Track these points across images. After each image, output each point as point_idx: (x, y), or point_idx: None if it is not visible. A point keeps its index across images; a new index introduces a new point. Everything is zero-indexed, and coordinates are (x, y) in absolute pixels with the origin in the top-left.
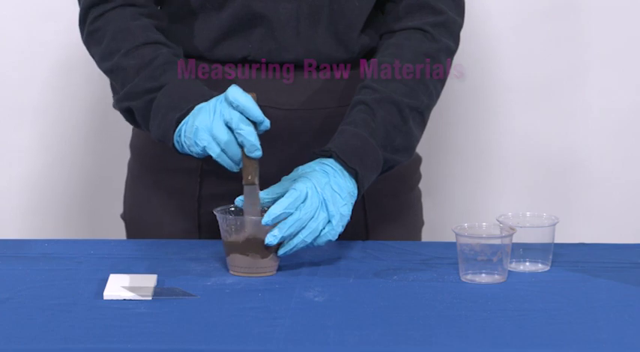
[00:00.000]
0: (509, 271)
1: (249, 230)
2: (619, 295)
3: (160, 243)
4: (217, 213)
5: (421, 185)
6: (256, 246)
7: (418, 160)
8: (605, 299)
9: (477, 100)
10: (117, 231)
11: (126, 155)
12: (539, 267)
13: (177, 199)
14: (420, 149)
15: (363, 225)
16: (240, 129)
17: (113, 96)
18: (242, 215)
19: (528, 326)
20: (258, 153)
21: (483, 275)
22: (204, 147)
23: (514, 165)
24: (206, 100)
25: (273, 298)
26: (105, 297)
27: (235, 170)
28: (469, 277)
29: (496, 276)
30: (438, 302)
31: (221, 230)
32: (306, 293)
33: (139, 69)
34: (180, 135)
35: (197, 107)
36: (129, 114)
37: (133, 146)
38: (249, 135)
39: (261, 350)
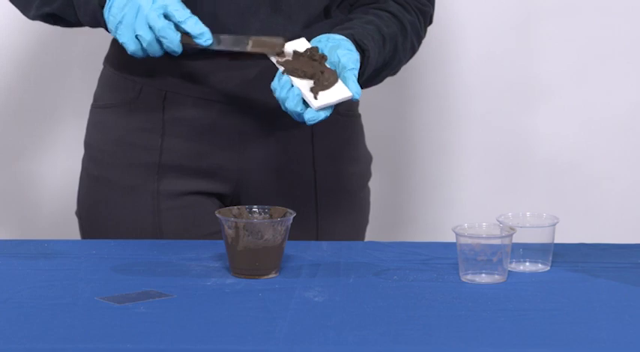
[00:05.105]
0: (509, 271)
1: (251, 232)
2: (619, 295)
3: (160, 243)
4: (219, 214)
5: (421, 185)
6: (258, 249)
7: (369, 158)
8: (605, 299)
9: (477, 100)
10: None
11: None
12: (539, 267)
13: (133, 197)
14: (419, 148)
15: (314, 219)
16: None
17: (24, 11)
18: (244, 215)
19: (528, 326)
20: (209, 37)
21: (483, 275)
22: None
23: (514, 165)
24: None
25: (273, 298)
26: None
27: (176, 47)
28: (469, 277)
29: (496, 276)
30: (438, 302)
31: (222, 232)
32: (306, 293)
33: None
34: (108, 13)
35: None
36: (51, 18)
37: (87, 143)
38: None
39: (261, 350)
